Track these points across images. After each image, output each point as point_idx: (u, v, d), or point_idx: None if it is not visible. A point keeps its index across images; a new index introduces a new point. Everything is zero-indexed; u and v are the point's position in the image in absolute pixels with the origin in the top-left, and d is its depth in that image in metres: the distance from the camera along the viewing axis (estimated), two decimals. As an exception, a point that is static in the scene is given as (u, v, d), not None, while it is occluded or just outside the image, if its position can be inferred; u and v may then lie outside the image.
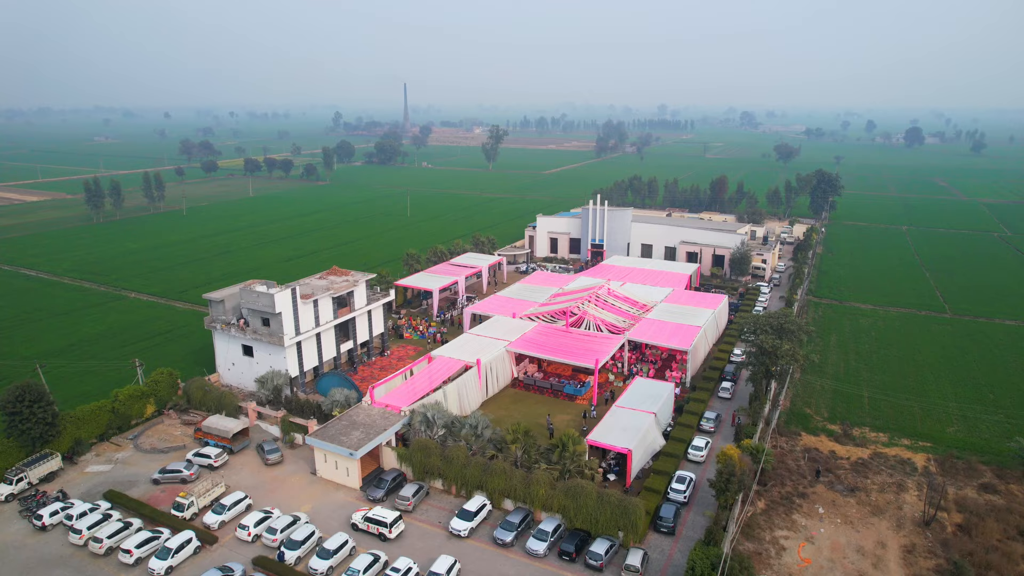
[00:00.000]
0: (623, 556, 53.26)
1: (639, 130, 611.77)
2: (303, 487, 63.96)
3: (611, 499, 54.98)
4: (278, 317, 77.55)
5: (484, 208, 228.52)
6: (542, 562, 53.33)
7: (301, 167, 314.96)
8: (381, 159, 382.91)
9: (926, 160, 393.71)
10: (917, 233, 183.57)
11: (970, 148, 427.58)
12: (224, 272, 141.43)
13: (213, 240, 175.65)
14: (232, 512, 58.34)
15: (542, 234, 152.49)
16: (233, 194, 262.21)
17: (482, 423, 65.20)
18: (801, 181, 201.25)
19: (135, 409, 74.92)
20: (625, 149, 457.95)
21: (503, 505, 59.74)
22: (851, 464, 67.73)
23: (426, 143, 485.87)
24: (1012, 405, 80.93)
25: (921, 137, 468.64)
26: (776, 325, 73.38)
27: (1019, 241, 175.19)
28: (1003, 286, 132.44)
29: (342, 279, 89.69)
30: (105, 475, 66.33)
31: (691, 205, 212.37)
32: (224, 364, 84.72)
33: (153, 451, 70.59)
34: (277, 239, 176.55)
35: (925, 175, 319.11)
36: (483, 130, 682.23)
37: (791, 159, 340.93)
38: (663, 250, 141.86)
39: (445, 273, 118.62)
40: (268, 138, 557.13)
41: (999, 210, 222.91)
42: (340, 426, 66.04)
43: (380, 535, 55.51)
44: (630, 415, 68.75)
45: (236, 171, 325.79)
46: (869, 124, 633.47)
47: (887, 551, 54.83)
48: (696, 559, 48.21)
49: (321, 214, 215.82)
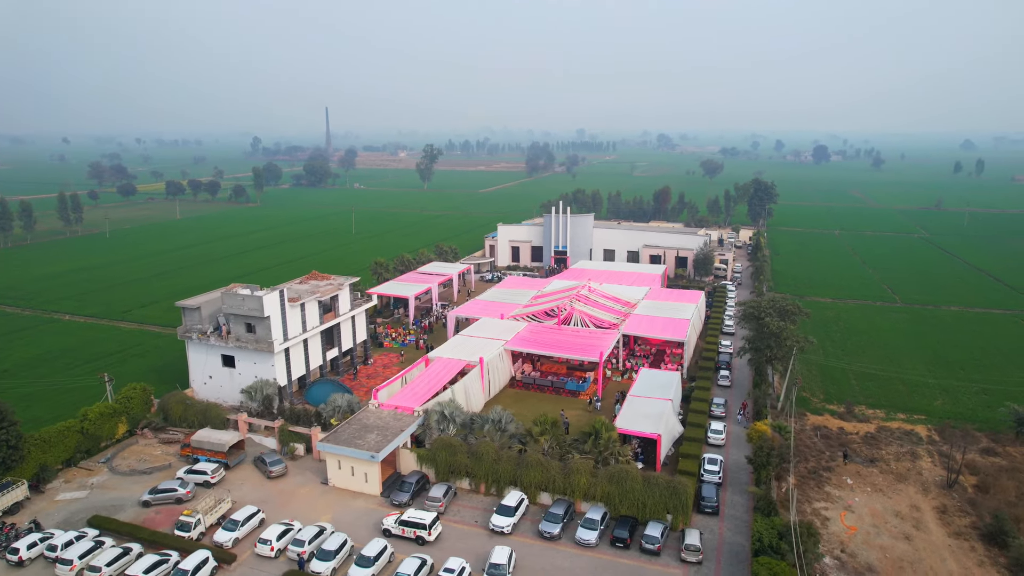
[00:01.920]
0: (675, 539, 51.79)
1: (564, 151, 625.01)
2: (316, 498, 58.86)
3: (659, 482, 53.47)
4: (266, 322, 72.02)
5: (430, 224, 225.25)
6: (594, 552, 50.96)
7: (229, 189, 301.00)
8: (311, 181, 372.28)
9: (835, 174, 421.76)
10: (849, 236, 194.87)
11: (871, 164, 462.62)
12: (170, 291, 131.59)
13: (149, 260, 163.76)
14: (246, 528, 52.72)
15: (503, 243, 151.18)
16: (157, 217, 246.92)
17: (505, 417, 62.44)
18: (739, 190, 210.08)
19: (106, 429, 67.22)
20: (555, 169, 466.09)
21: (539, 499, 57.01)
22: (862, 438, 69.35)
23: (354, 166, 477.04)
24: (984, 379, 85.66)
25: (827, 155, 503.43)
26: (780, 308, 74.73)
27: (938, 240, 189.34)
28: (937, 278, 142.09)
29: (325, 283, 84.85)
30: (81, 502, 58.76)
31: (635, 216, 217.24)
32: (199, 378, 77.74)
33: (133, 473, 63.31)
34: (219, 258, 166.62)
35: (840, 187, 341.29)
36: (408, 154, 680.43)
37: (716, 174, 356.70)
38: (625, 254, 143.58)
39: (416, 281, 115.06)
40: (183, 164, 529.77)
41: (911, 215, 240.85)
42: (352, 430, 61.52)
43: (418, 538, 51.52)
44: (647, 403, 67.79)
45: (157, 195, 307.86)
46: (778, 143, 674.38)
47: (922, 513, 55.93)
48: (761, 530, 47.33)
49: (261, 233, 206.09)
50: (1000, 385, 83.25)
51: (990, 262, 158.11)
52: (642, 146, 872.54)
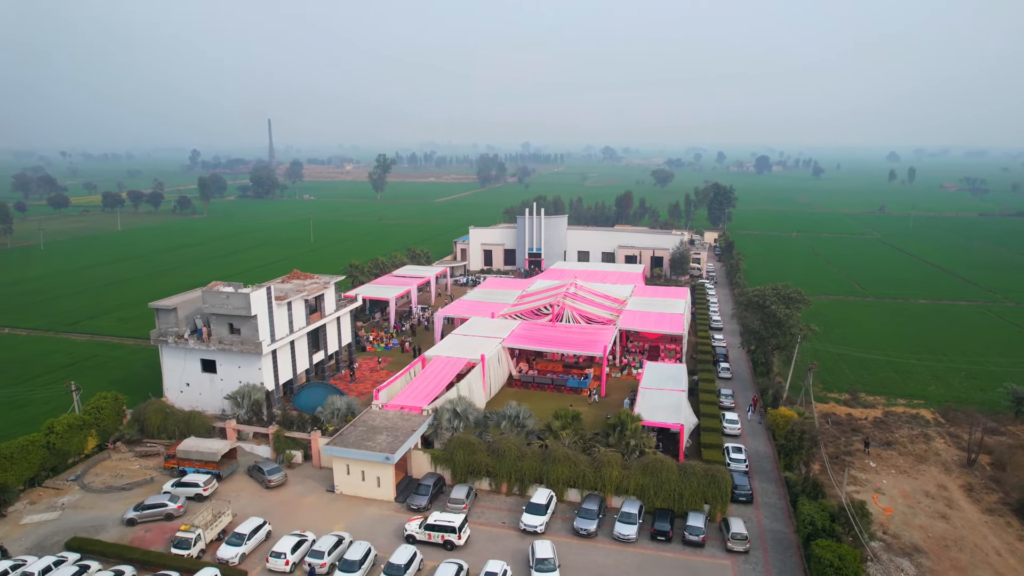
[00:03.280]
0: (712, 530, 49.58)
1: (512, 163, 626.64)
2: (324, 506, 53.98)
3: (696, 471, 51.16)
4: (252, 321, 66.53)
5: (390, 232, 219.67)
6: (635, 547, 48.11)
7: (173, 201, 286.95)
8: (257, 193, 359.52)
9: (779, 183, 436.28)
10: (807, 238, 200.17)
11: (811, 173, 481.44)
12: (121, 301, 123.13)
13: (94, 272, 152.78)
14: (252, 542, 47.50)
15: (475, 246, 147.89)
16: (96, 228, 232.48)
17: (523, 412, 59.17)
18: (699, 194, 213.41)
19: (74, 443, 60.29)
20: (506, 180, 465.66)
21: (566, 496, 53.86)
22: (872, 423, 69.15)
23: (301, 178, 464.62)
24: (968, 364, 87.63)
25: (769, 165, 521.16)
26: (784, 295, 74.21)
27: (891, 240, 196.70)
28: (900, 274, 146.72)
29: (310, 282, 79.72)
30: (52, 524, 52.09)
31: (598, 221, 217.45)
32: (175, 386, 71.20)
33: (110, 490, 56.82)
34: (172, 268, 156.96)
35: (786, 194, 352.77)
36: (355, 166, 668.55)
37: (667, 183, 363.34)
38: (600, 255, 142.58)
39: (393, 284, 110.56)
40: (117, 177, 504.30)
41: (860, 218, 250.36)
42: (359, 432, 57.00)
43: (446, 543, 47.50)
44: (661, 395, 65.77)
45: (92, 207, 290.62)
46: (720, 155, 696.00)
47: (951, 492, 55.53)
48: (812, 513, 45.52)
49: (212, 244, 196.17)
50: (984, 367, 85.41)
51: (943, 259, 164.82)
52: (587, 159, 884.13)
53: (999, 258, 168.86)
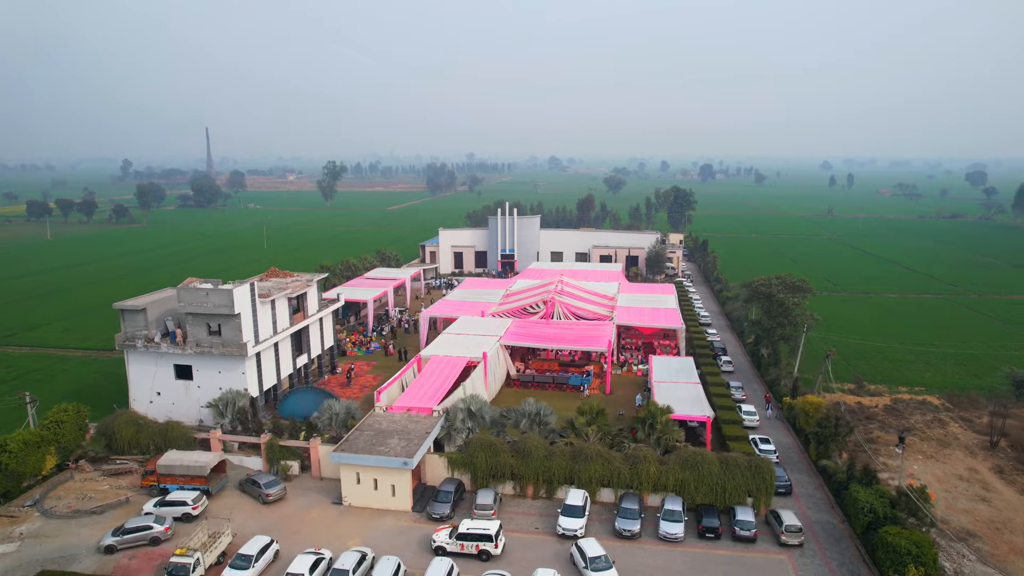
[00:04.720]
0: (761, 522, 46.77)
1: (460, 172, 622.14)
2: (334, 520, 48.40)
3: (739, 463, 48.23)
4: (235, 320, 60.21)
5: (346, 238, 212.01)
6: (683, 546, 44.68)
7: (108, 210, 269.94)
8: (199, 202, 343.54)
9: (725, 190, 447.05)
10: (768, 239, 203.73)
11: (753, 180, 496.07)
12: (63, 311, 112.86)
13: (25, 281, 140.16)
14: (260, 564, 41.65)
15: (445, 248, 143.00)
16: (22, 238, 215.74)
17: (544, 409, 55.12)
18: (660, 197, 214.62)
19: (31, 463, 52.62)
20: (456, 188, 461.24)
21: (599, 496, 50.04)
22: (883, 410, 68.20)
23: (244, 187, 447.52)
24: (954, 352, 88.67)
25: (712, 173, 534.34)
26: (788, 284, 72.87)
27: (846, 240, 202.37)
28: (863, 271, 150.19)
29: (291, 280, 73.57)
30: (11, 558, 44.61)
31: (559, 225, 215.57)
32: (144, 396, 63.83)
33: (78, 515, 49.51)
34: (119, 276, 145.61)
35: (735, 199, 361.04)
36: (297, 176, 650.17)
37: (619, 190, 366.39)
38: (574, 255, 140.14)
39: (366, 286, 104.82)
40: (40, 187, 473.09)
41: (811, 221, 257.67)
42: (367, 437, 51.73)
43: (481, 553, 42.86)
44: (677, 388, 62.89)
45: (15, 217, 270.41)
46: (663, 164, 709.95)
47: (983, 475, 54.55)
48: (871, 500, 43.17)
49: (158, 252, 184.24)
50: (969, 354, 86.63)
51: (899, 256, 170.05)
52: (533, 168, 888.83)
53: (951, 256, 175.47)
